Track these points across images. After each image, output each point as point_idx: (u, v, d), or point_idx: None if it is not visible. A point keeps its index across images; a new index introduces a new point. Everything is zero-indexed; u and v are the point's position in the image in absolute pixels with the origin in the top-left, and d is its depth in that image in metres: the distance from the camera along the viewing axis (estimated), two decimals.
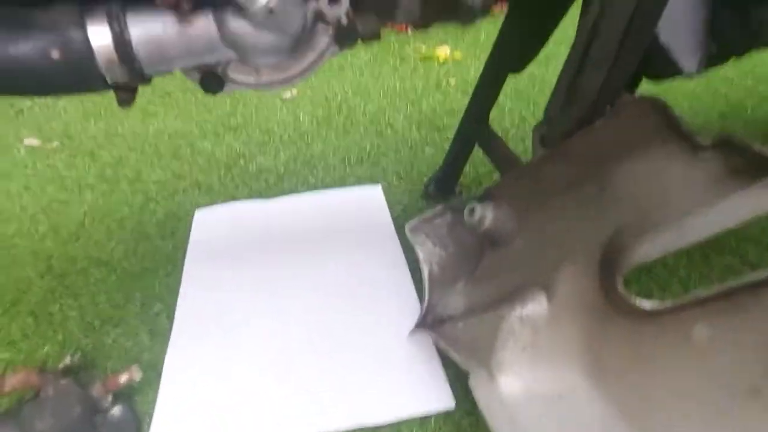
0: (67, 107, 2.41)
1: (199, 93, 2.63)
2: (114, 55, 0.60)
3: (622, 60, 0.84)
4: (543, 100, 1.11)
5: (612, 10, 0.82)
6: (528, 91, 2.34)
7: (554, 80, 1.04)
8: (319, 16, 0.76)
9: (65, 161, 1.99)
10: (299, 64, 0.81)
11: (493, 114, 1.50)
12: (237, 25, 0.62)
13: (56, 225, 1.63)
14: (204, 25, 0.63)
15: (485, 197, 1.11)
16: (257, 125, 2.17)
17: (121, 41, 0.60)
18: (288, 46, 0.67)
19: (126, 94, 0.65)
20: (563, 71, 1.03)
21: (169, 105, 2.39)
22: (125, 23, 0.60)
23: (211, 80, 0.76)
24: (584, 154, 0.92)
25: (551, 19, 1.25)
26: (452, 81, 2.49)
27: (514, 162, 1.30)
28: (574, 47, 0.98)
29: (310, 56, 0.80)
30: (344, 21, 0.76)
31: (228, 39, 0.64)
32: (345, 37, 0.77)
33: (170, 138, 2.11)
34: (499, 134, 1.48)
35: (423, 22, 0.86)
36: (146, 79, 0.66)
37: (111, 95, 0.73)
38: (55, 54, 0.59)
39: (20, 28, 0.59)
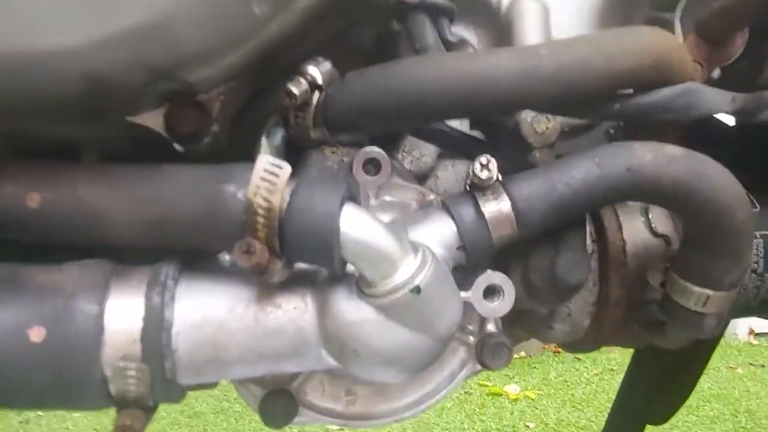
0: (79, 420, 2.08)
1: (233, 417, 2.26)
2: (135, 347, 0.34)
3: None
4: None
5: None
6: None
7: None
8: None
9: None
10: (414, 389, 0.51)
11: None
12: (354, 311, 0.36)
13: None
14: (295, 310, 0.38)
15: None
16: None
17: (156, 322, 0.34)
18: (428, 354, 0.39)
19: (133, 419, 0.36)
20: None
21: (195, 428, 2.03)
22: (173, 296, 0.36)
23: (278, 403, 0.46)
24: None
25: (709, 349, 0.97)
26: (531, 425, 2.08)
27: None
28: None
29: (435, 377, 0.51)
30: (494, 326, 0.50)
31: (333, 335, 0.37)
32: (493, 351, 0.49)
33: None
34: None
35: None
36: (174, 396, 0.37)
37: None
38: (35, 333, 0.33)
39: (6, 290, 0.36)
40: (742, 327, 3.51)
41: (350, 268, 0.39)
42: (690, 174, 0.42)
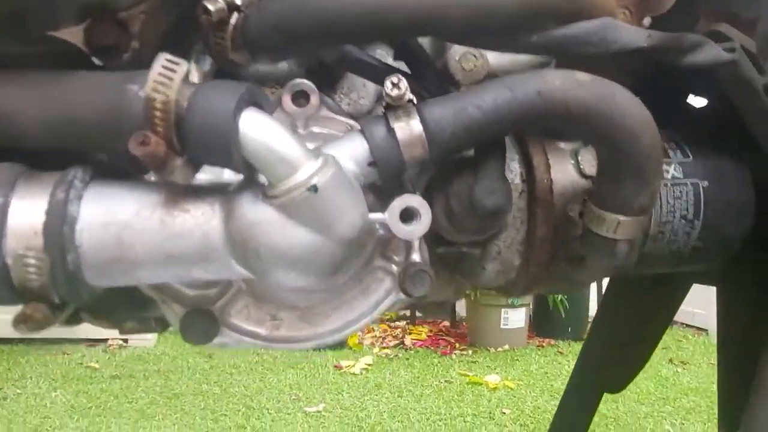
0: (58, 399, 2.08)
1: (211, 398, 2.27)
2: (37, 239, 0.35)
3: None
4: None
5: None
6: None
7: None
8: (380, 247, 0.51)
9: None
10: (338, 315, 0.52)
11: None
12: (255, 211, 0.37)
13: None
14: (203, 216, 0.39)
15: None
16: None
17: (58, 215, 0.35)
18: (329, 257, 0.40)
19: (35, 310, 0.36)
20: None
21: (173, 408, 2.03)
22: (79, 195, 0.37)
23: (199, 321, 0.48)
24: None
25: (664, 317, 0.99)
26: (507, 411, 2.08)
27: None
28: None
29: (359, 306, 0.52)
30: (419, 256, 0.51)
31: (237, 237, 0.38)
32: (415, 279, 0.50)
33: None
34: None
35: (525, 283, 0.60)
36: (81, 295, 0.38)
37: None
38: None
39: None
40: None
41: (262, 178, 0.40)
42: (597, 98, 0.44)
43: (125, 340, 2.92)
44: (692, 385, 2.49)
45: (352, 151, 0.43)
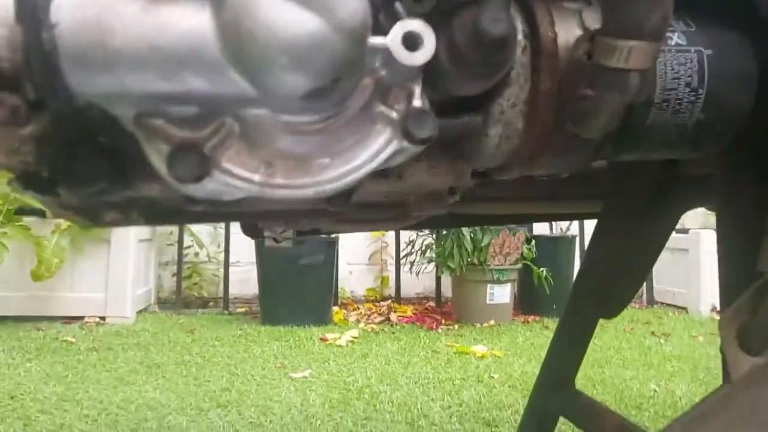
0: (32, 369, 2.00)
1: (194, 367, 2.20)
2: (7, 8, 0.31)
3: None
4: None
5: None
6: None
7: None
8: (379, 93, 0.49)
9: None
10: (336, 164, 0.50)
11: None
12: None
13: None
14: (191, 6, 0.36)
15: None
16: (254, 403, 1.70)
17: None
18: (328, 46, 0.37)
19: (5, 103, 0.33)
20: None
21: (153, 375, 1.97)
22: None
23: (188, 157, 0.44)
24: None
25: (657, 242, 0.98)
26: (496, 375, 2.07)
27: (630, 430, 0.82)
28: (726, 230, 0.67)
29: (359, 155, 0.50)
30: (420, 102, 0.49)
31: (230, 19, 0.35)
32: (418, 120, 0.48)
33: (137, 409, 1.62)
34: None
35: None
36: (56, 91, 0.34)
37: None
38: None
39: None
40: (705, 304, 3.59)
41: None
42: None
43: (102, 318, 2.84)
44: (675, 353, 2.51)
45: None
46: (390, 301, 3.56)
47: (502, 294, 3.10)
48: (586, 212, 1.11)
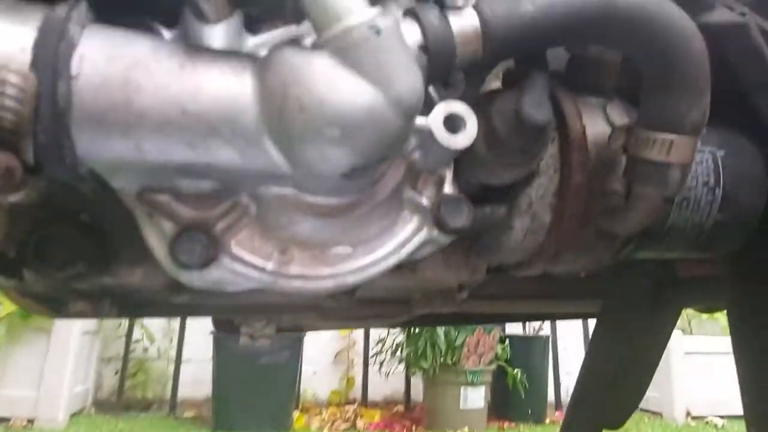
0: None
1: None
2: (23, 54, 0.26)
3: None
4: None
5: None
6: None
7: None
8: (409, 178, 0.45)
9: None
10: (359, 254, 0.44)
11: None
12: (302, 56, 0.29)
13: None
14: (231, 68, 0.31)
15: None
16: None
17: (54, 31, 0.26)
18: (381, 121, 0.32)
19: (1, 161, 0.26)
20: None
21: None
22: (83, 21, 0.28)
23: (194, 239, 0.38)
24: None
25: (659, 342, 0.94)
26: None
27: None
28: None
29: (384, 245, 0.44)
30: (451, 188, 0.45)
31: (275, 87, 0.30)
32: (452, 209, 0.44)
33: None
34: None
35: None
36: (63, 164, 0.28)
37: None
38: None
39: None
40: (679, 410, 3.51)
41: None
42: (648, 2, 0.42)
43: (31, 421, 2.51)
44: None
45: (403, 29, 0.38)
46: (356, 404, 3.33)
47: (476, 398, 2.94)
48: (585, 312, 1.07)
